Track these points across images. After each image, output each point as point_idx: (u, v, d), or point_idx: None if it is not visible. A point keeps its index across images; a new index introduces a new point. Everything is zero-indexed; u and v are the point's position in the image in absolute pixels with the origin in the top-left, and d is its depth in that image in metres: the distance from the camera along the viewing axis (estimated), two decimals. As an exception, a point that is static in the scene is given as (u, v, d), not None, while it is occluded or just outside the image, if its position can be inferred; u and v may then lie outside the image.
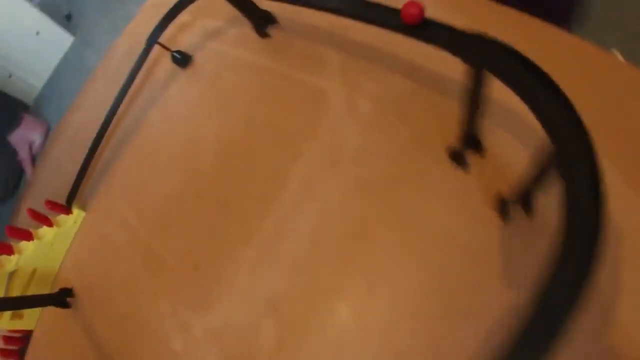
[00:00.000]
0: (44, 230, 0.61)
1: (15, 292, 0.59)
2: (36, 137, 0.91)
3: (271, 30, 0.57)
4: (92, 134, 0.64)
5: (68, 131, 0.82)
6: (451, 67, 0.37)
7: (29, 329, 0.62)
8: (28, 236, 0.60)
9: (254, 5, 0.54)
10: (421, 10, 0.31)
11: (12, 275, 0.58)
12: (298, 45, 0.55)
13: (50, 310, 0.59)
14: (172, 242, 0.52)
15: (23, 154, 0.89)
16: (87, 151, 0.64)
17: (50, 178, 0.79)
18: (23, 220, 0.73)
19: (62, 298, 0.59)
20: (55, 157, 0.81)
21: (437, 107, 0.43)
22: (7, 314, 0.58)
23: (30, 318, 0.62)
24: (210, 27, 0.65)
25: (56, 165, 0.79)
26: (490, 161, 0.39)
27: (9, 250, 0.59)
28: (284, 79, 0.53)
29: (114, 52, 0.81)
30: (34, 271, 0.61)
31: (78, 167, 0.64)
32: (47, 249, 0.62)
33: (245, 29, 0.59)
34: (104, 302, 0.56)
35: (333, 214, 0.43)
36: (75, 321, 0.57)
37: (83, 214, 0.65)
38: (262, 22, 0.56)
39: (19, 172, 0.93)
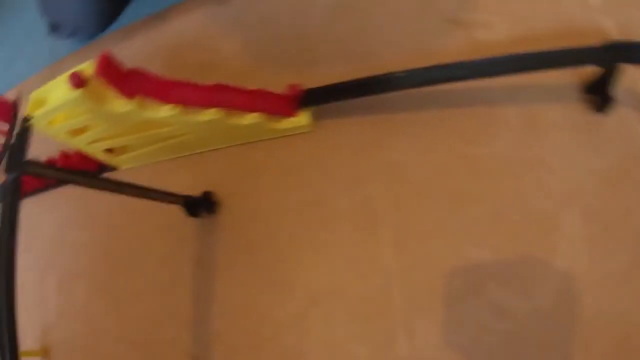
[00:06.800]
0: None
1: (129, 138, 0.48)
2: None
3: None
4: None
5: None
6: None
7: (114, 167, 0.54)
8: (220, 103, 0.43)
9: None
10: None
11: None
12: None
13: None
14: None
15: None
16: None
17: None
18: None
19: (202, 204, 0.47)
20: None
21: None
22: (103, 144, 0.49)
23: (126, 161, 0.53)
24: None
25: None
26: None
27: (165, 97, 0.42)
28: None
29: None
30: (174, 137, 0.47)
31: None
32: (223, 131, 0.46)
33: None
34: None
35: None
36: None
37: (309, 129, 0.48)
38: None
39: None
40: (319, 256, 0.43)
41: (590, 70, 0.42)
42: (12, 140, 0.38)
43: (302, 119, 0.46)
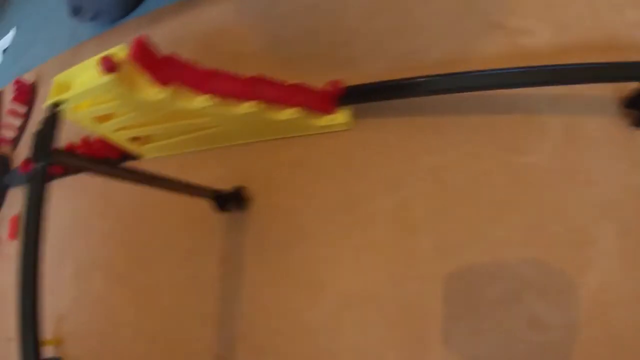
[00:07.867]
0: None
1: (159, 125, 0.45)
2: None
3: None
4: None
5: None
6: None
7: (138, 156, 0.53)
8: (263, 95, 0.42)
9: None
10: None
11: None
12: None
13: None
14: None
15: None
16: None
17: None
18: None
19: (232, 200, 0.45)
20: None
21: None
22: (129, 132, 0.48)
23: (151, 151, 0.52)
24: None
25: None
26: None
27: (201, 87, 0.40)
28: None
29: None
30: (206, 129, 0.46)
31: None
32: (258, 124, 0.44)
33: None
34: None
35: None
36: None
37: (347, 128, 0.45)
38: None
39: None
40: (353, 258, 0.41)
41: (630, 85, 0.40)
42: (39, 127, 0.36)
43: (341, 116, 0.44)
